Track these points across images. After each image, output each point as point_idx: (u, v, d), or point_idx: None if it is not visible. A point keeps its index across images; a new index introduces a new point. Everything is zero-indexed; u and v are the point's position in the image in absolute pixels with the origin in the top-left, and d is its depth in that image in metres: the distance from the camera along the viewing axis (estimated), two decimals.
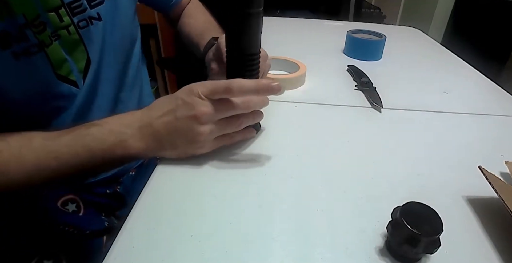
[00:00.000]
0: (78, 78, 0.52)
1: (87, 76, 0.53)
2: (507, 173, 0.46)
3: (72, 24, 0.49)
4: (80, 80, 0.53)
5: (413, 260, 0.34)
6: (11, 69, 0.43)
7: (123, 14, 0.57)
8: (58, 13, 0.46)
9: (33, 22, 0.44)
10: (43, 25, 0.45)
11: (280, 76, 0.71)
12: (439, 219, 0.33)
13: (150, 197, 0.42)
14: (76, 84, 0.52)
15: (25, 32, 0.43)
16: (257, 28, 0.42)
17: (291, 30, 1.12)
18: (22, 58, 0.44)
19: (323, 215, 0.40)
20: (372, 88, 0.69)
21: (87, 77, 0.53)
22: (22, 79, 0.46)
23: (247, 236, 0.37)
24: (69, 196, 0.60)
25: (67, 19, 0.48)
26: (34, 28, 0.44)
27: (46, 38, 0.46)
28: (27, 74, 0.46)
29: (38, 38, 0.45)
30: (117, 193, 0.66)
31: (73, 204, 0.60)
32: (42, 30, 0.45)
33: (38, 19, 0.44)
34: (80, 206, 0.61)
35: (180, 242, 0.36)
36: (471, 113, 0.64)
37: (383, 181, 0.46)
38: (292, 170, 0.47)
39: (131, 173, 0.68)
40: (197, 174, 0.45)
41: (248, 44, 0.43)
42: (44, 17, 0.45)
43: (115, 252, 0.35)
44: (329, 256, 0.35)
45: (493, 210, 0.41)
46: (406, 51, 0.97)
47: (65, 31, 0.48)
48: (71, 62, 0.51)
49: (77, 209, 0.60)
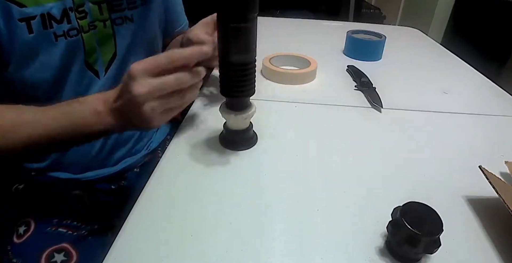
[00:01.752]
0: (101, 69, 0.56)
1: (110, 69, 0.57)
2: (507, 173, 0.46)
3: (109, 19, 0.54)
4: (102, 71, 0.56)
5: (413, 260, 0.34)
6: (48, 49, 0.48)
7: (153, 21, 0.63)
8: (100, 6, 0.52)
9: (78, 8, 0.49)
10: (85, 13, 0.51)
11: (292, 71, 0.73)
12: (439, 219, 0.33)
13: (150, 197, 0.42)
14: (98, 74, 0.56)
15: (69, 15, 0.48)
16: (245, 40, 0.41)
17: (291, 31, 1.12)
18: (60, 39, 0.48)
19: (323, 215, 0.40)
20: (372, 88, 0.69)
21: (110, 70, 0.57)
22: (55, 60, 0.49)
23: (247, 236, 0.37)
24: (75, 191, 0.61)
25: (106, 13, 0.53)
26: (77, 13, 0.49)
27: (85, 25, 0.51)
28: (60, 56, 0.49)
29: (79, 23, 0.50)
30: (122, 189, 0.67)
31: (80, 200, 0.61)
32: (83, 17, 0.51)
33: (82, 7, 0.50)
34: (86, 202, 0.62)
35: (180, 242, 0.36)
36: (471, 113, 0.64)
37: (383, 181, 0.46)
38: (292, 170, 0.47)
39: (135, 170, 0.69)
40: (197, 174, 0.45)
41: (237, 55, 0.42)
42: (87, 7, 0.51)
43: (115, 252, 0.35)
44: (329, 256, 0.35)
45: (493, 210, 0.41)
46: (406, 51, 0.97)
47: (101, 24, 0.53)
48: (99, 53, 0.55)
49: (82, 205, 0.61)
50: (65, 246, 0.55)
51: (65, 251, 0.54)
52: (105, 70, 0.57)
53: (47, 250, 0.53)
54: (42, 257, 0.53)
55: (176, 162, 0.48)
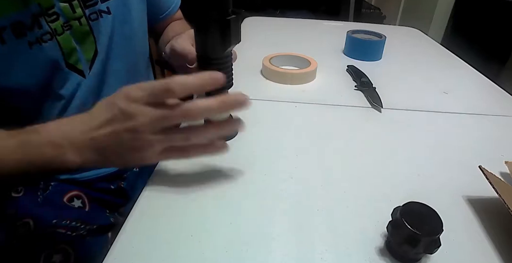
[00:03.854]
0: (85, 68, 0.55)
1: (94, 66, 0.56)
2: (507, 173, 0.46)
3: (84, 16, 0.52)
4: (87, 69, 0.55)
5: (413, 260, 0.34)
6: (25, 57, 0.46)
7: (132, 10, 0.60)
8: (71, 5, 0.50)
9: (47, 11, 0.47)
10: (56, 14, 0.49)
11: (292, 71, 0.73)
12: (439, 219, 0.33)
13: (150, 197, 0.42)
14: (83, 74, 0.55)
15: (39, 20, 0.47)
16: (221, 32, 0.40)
17: (291, 30, 1.12)
18: (35, 46, 0.47)
19: (323, 215, 0.40)
20: (372, 88, 0.69)
21: (94, 67, 0.56)
22: (33, 67, 0.48)
23: (247, 236, 0.37)
24: (74, 192, 0.61)
25: (79, 11, 0.51)
26: (47, 17, 0.48)
27: (59, 27, 0.49)
28: (38, 62, 0.48)
29: (51, 26, 0.48)
30: (121, 189, 0.67)
31: (79, 200, 0.61)
32: (55, 19, 0.49)
33: (52, 9, 0.48)
34: (86, 202, 0.61)
35: (180, 242, 0.36)
36: (471, 113, 0.64)
37: (383, 181, 0.46)
38: (292, 170, 0.47)
39: (135, 169, 0.69)
40: (197, 174, 0.45)
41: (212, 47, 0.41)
42: (58, 8, 0.49)
43: (115, 252, 0.35)
44: (329, 256, 0.35)
45: (493, 210, 0.41)
46: (406, 51, 0.97)
47: (76, 22, 0.51)
48: (80, 51, 0.53)
49: (82, 205, 0.61)
50: (63, 247, 0.54)
51: (63, 252, 0.54)
52: (90, 68, 0.56)
53: (45, 251, 0.53)
54: (41, 258, 0.52)
55: (176, 162, 0.48)
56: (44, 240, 0.55)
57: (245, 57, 0.65)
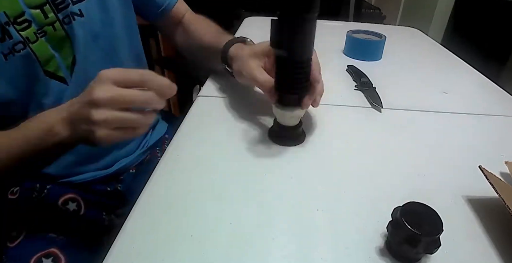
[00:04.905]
0: (67, 75, 0.53)
1: (74, 73, 0.54)
2: (507, 173, 0.46)
3: (58, 20, 0.50)
4: (68, 76, 0.53)
5: (413, 260, 0.34)
6: (2, 69, 0.45)
7: (111, 12, 0.56)
8: (42, 10, 0.48)
9: (16, 20, 0.45)
10: (28, 22, 0.46)
11: None
12: (439, 219, 0.33)
13: (150, 197, 0.42)
14: (65, 81, 0.53)
15: (7, 30, 0.45)
16: (311, 33, 0.41)
17: None
18: (9, 57, 0.45)
19: (323, 215, 0.40)
20: (372, 88, 0.69)
21: (75, 73, 0.54)
22: (12, 77, 0.47)
23: (247, 236, 0.37)
24: (69, 195, 0.60)
25: (52, 16, 0.49)
26: (17, 25, 0.45)
27: (31, 34, 0.47)
28: (16, 72, 0.47)
29: (21, 35, 0.46)
30: (118, 191, 0.66)
31: (74, 203, 0.60)
32: (27, 27, 0.47)
33: (22, 16, 0.46)
34: (81, 205, 0.61)
35: (180, 242, 0.36)
36: (471, 113, 0.64)
37: (383, 181, 0.46)
38: (292, 170, 0.47)
39: (131, 171, 0.68)
40: (197, 174, 0.45)
41: (300, 49, 0.42)
42: (29, 14, 0.46)
43: (115, 252, 0.35)
44: (329, 256, 0.35)
45: (493, 210, 0.41)
46: (406, 51, 0.97)
47: (50, 28, 0.49)
48: (59, 58, 0.52)
49: (77, 208, 0.61)
50: (53, 251, 0.53)
51: (54, 256, 0.53)
52: (71, 74, 0.53)
53: (35, 255, 0.52)
54: (31, 262, 0.51)
55: (176, 162, 0.48)
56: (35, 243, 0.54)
57: None
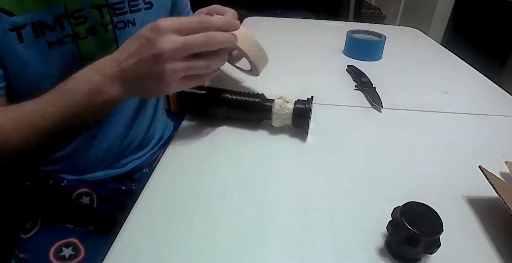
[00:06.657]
0: None
1: None
2: (507, 173, 0.46)
3: (111, 23, 0.52)
4: None
5: (413, 260, 0.34)
6: (43, 57, 0.46)
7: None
8: (100, 11, 0.50)
9: (73, 14, 0.47)
10: (84, 18, 0.49)
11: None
12: (439, 219, 0.33)
13: (150, 197, 0.42)
14: None
15: (62, 22, 0.46)
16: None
17: (291, 31, 1.12)
18: (54, 47, 0.46)
19: (323, 215, 0.40)
20: (372, 88, 0.69)
21: None
22: (51, 67, 0.48)
23: (247, 236, 0.37)
24: (84, 189, 0.61)
25: (107, 18, 0.51)
26: (72, 19, 0.47)
27: (83, 31, 0.49)
28: (54, 62, 0.48)
29: (73, 29, 0.48)
30: (132, 190, 0.67)
31: (87, 197, 0.61)
32: (81, 23, 0.49)
33: (80, 12, 0.48)
34: (94, 199, 0.62)
35: (180, 242, 0.36)
36: (471, 113, 0.64)
37: (383, 181, 0.46)
38: (292, 170, 0.47)
39: (144, 171, 0.69)
40: (197, 174, 0.45)
41: None
42: (87, 12, 0.49)
43: (115, 252, 0.35)
44: (329, 256, 0.35)
45: (493, 210, 0.41)
46: (406, 51, 0.97)
47: (103, 29, 0.52)
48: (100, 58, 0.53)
49: (90, 202, 0.61)
50: (73, 241, 0.55)
51: (73, 246, 0.54)
52: None
53: (55, 244, 0.53)
54: (50, 251, 0.52)
55: (176, 162, 0.48)
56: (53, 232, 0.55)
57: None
